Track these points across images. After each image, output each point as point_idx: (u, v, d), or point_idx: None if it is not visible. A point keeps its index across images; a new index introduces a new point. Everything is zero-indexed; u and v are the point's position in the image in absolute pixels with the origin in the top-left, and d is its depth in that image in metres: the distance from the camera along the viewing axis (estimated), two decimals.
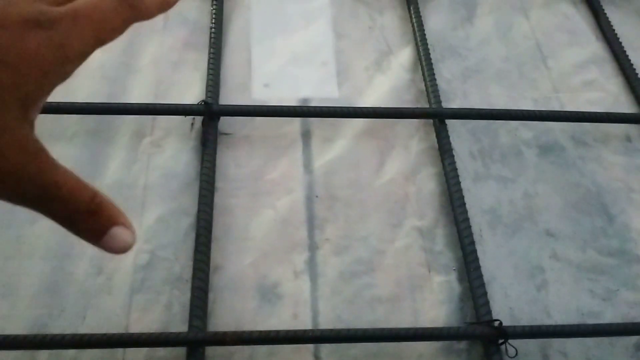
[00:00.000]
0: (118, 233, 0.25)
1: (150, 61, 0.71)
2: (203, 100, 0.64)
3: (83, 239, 0.26)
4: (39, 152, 0.24)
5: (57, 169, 0.24)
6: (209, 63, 0.69)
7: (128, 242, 0.26)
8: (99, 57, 0.69)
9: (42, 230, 0.56)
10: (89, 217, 0.25)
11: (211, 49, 0.70)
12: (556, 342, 0.55)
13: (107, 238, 0.25)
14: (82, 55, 0.25)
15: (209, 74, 0.68)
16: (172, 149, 0.63)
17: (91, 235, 0.25)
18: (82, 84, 0.66)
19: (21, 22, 0.23)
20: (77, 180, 0.25)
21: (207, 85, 0.67)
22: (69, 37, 0.24)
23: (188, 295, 0.53)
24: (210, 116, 0.64)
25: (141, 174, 0.61)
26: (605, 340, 0.56)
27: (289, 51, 0.74)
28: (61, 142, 0.62)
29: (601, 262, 0.61)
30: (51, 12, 0.24)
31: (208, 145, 0.62)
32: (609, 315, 0.58)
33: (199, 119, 0.65)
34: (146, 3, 0.27)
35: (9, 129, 0.23)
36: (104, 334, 0.49)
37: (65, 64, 0.24)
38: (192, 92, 0.68)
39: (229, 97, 0.68)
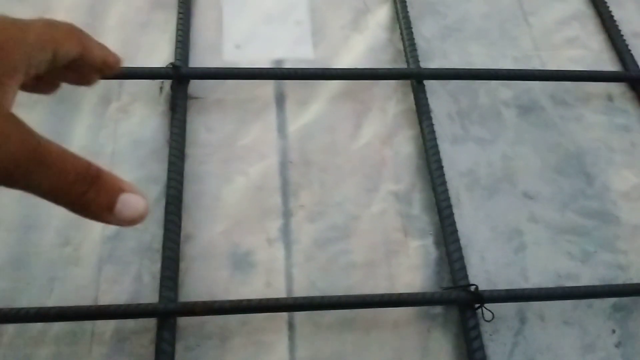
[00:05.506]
0: (127, 200, 0.23)
1: (117, 22, 0.67)
2: (171, 63, 0.62)
3: (92, 216, 0.23)
4: (17, 120, 0.23)
5: (42, 138, 0.23)
6: (177, 24, 0.66)
7: (141, 209, 0.24)
8: (63, 18, 0.66)
9: (7, 200, 0.54)
10: (89, 189, 0.23)
11: (180, 9, 0.67)
12: (533, 305, 0.55)
13: (119, 207, 0.23)
14: (57, 56, 0.28)
15: (177, 35, 0.65)
16: (140, 114, 0.61)
17: (99, 208, 0.23)
18: None
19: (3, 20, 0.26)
20: (66, 150, 0.23)
21: (176, 47, 0.64)
22: (44, 35, 0.27)
23: (158, 265, 0.51)
24: (179, 79, 0.62)
25: (108, 140, 0.59)
26: (582, 302, 0.56)
27: (262, 10, 0.71)
28: (25, 107, 0.59)
29: (580, 223, 0.60)
30: (25, 20, 0.27)
31: (177, 110, 0.60)
32: (587, 277, 0.57)
33: (167, 83, 0.62)
34: (93, 47, 0.32)
35: None
36: (72, 307, 0.48)
37: (49, 55, 0.27)
38: (161, 55, 0.65)
39: (199, 59, 0.66)
